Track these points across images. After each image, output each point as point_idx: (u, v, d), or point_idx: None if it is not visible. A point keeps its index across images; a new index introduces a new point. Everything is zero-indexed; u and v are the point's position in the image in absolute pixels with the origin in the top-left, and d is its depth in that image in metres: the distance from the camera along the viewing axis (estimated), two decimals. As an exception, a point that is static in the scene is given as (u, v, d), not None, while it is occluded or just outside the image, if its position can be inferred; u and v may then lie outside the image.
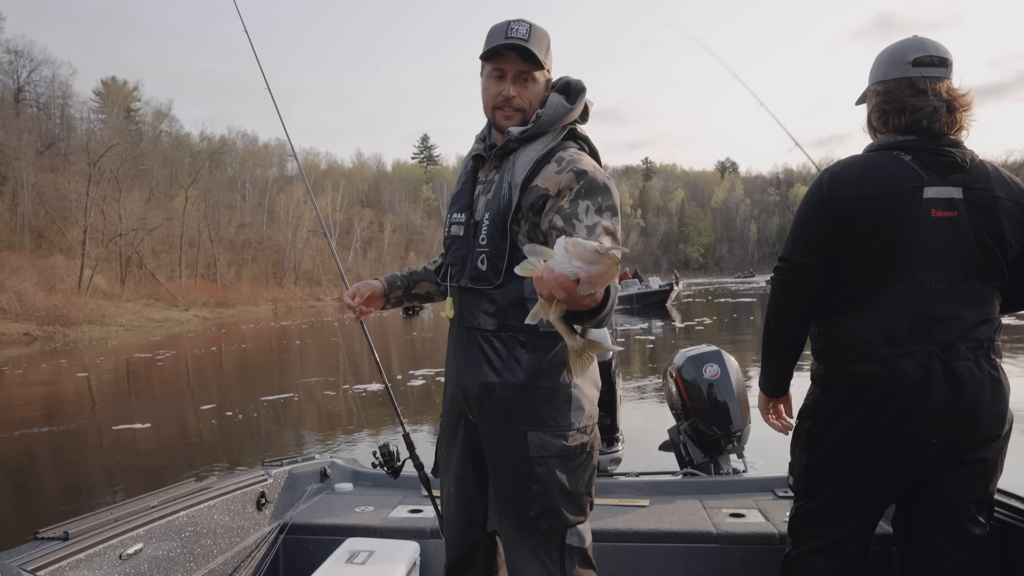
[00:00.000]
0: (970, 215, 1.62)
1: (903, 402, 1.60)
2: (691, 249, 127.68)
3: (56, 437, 8.73)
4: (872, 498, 1.71)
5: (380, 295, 1.89)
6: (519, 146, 1.65)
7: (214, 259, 57.03)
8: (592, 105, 1.73)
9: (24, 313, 30.31)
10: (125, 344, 24.59)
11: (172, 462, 7.16)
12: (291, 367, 15.74)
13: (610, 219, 1.50)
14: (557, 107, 1.64)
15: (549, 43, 1.67)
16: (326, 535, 2.50)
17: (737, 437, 3.26)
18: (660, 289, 29.89)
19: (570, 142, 1.67)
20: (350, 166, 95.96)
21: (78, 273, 40.27)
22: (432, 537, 2.46)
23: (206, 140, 67.56)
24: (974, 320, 1.62)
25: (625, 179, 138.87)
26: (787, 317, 1.75)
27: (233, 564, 2.29)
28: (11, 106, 49.53)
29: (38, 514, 5.89)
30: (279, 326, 32.09)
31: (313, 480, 2.87)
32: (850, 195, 1.64)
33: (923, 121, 1.66)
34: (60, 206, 45.29)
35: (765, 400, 1.92)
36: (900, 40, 1.76)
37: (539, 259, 1.17)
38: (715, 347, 3.49)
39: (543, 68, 1.65)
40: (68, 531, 1.77)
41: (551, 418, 1.58)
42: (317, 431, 8.30)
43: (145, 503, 2.06)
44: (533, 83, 1.64)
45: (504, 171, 1.64)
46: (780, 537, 2.28)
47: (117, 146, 48.91)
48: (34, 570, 1.56)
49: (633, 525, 2.42)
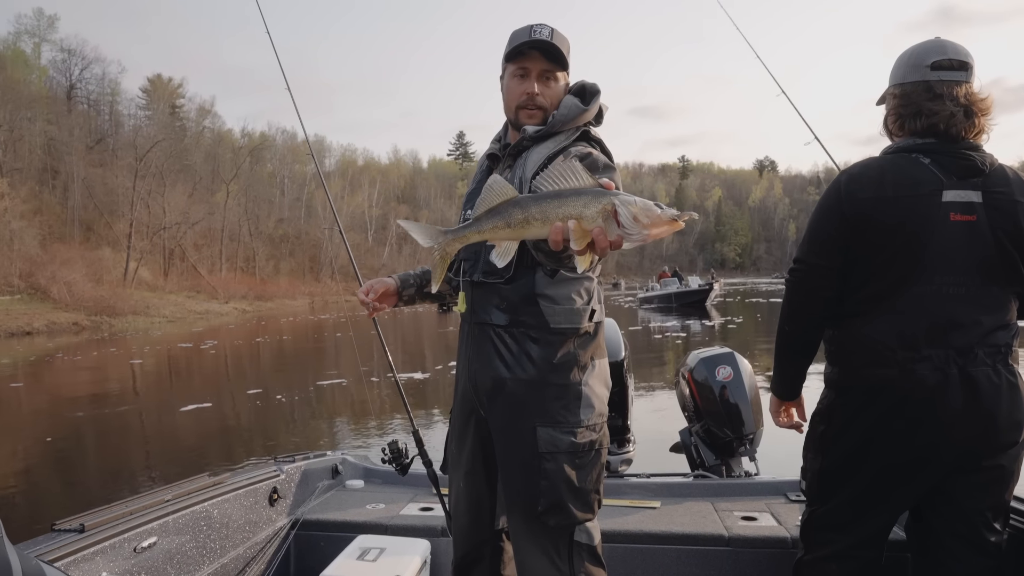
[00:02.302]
0: (989, 219, 1.60)
1: (919, 407, 1.58)
2: (727, 248, 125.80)
3: (126, 416, 9.63)
4: (886, 504, 1.69)
5: (393, 292, 1.90)
6: (532, 144, 1.67)
7: (253, 253, 58.20)
8: (607, 109, 1.74)
9: (73, 303, 31.41)
10: (169, 335, 25.33)
11: (237, 438, 8.06)
12: (330, 358, 16.38)
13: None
14: (571, 108, 1.66)
15: (569, 47, 1.71)
16: (337, 532, 2.50)
17: (749, 440, 3.23)
18: (700, 288, 29.75)
19: (583, 143, 1.68)
20: (387, 162, 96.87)
21: (124, 265, 41.54)
22: (443, 535, 2.45)
23: (247, 136, 68.94)
24: (992, 325, 1.60)
25: (661, 177, 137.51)
26: (801, 319, 1.74)
27: (245, 559, 2.31)
28: (63, 103, 51.32)
29: (126, 481, 6.47)
30: (316, 319, 32.67)
31: (325, 476, 2.89)
32: (868, 197, 1.63)
33: (939, 125, 1.64)
34: (108, 200, 46.76)
35: (777, 403, 1.90)
36: (920, 42, 1.74)
37: (559, 210, 1.18)
38: (728, 349, 3.47)
39: (566, 69, 1.69)
40: (84, 523, 1.80)
41: (561, 414, 1.58)
42: (356, 417, 8.85)
43: (159, 497, 2.09)
44: (555, 83, 1.68)
45: (516, 168, 1.66)
46: (792, 541, 2.25)
47: (162, 142, 50.28)
48: (51, 561, 1.59)
49: (644, 527, 2.41)
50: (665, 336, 18.10)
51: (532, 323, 1.60)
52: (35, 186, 43.02)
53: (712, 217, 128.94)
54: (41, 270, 33.29)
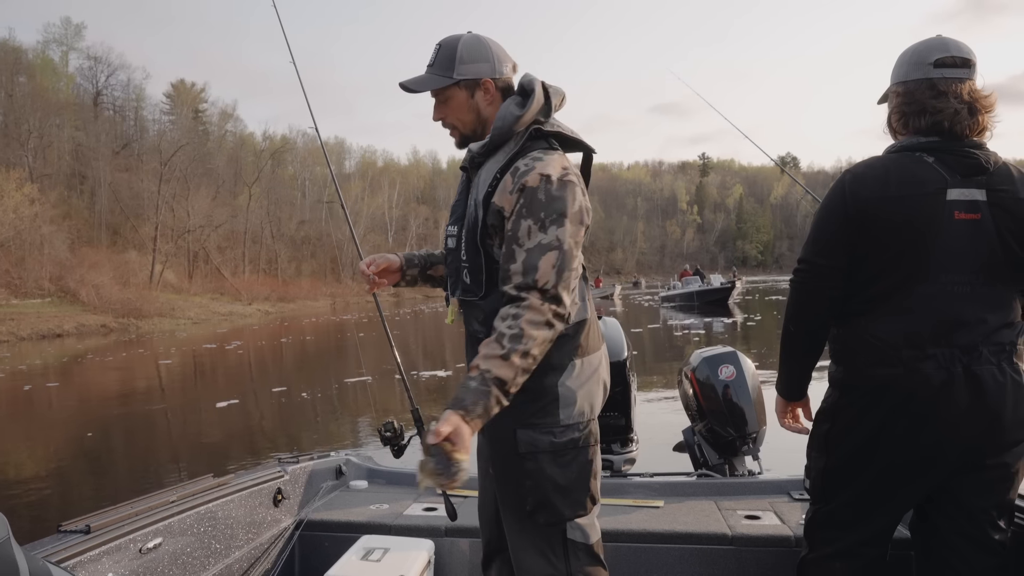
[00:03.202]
0: (994, 217, 1.59)
1: (924, 405, 1.58)
2: (749, 246, 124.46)
3: (162, 413, 10.15)
4: (891, 503, 1.68)
5: (396, 269, 1.89)
6: (484, 160, 1.67)
7: (275, 255, 58.87)
8: (560, 96, 1.68)
9: (101, 306, 32.03)
10: (194, 336, 25.76)
11: (264, 435, 8.45)
12: (352, 357, 16.62)
13: (556, 230, 1.50)
14: (505, 117, 1.62)
15: (454, 54, 1.64)
16: (341, 532, 2.50)
17: (752, 439, 3.22)
18: (722, 287, 29.52)
19: (539, 142, 1.64)
20: (406, 163, 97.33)
21: (150, 268, 42.25)
22: (447, 535, 2.46)
23: (268, 139, 69.72)
24: (996, 323, 1.59)
25: (681, 175, 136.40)
26: (806, 319, 1.73)
27: (250, 559, 2.31)
28: (90, 109, 52.38)
29: (166, 474, 6.80)
30: (339, 319, 32.99)
31: (329, 477, 2.90)
32: (873, 196, 1.62)
33: (944, 123, 1.63)
34: (134, 204, 47.63)
35: (783, 403, 1.89)
36: (922, 40, 1.73)
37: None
38: (731, 348, 3.46)
39: (444, 87, 1.64)
40: (90, 524, 1.81)
41: (537, 416, 1.60)
42: (378, 415, 9.04)
43: (164, 498, 2.10)
44: (451, 100, 1.66)
45: (472, 187, 1.67)
46: (795, 540, 2.25)
47: (186, 146, 51.06)
48: (57, 562, 1.60)
49: (647, 526, 2.41)
50: (686, 333, 18.05)
51: None
52: (64, 191, 43.97)
53: (733, 215, 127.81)
54: (70, 273, 34.03)
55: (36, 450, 8.35)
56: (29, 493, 6.26)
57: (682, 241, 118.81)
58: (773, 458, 3.40)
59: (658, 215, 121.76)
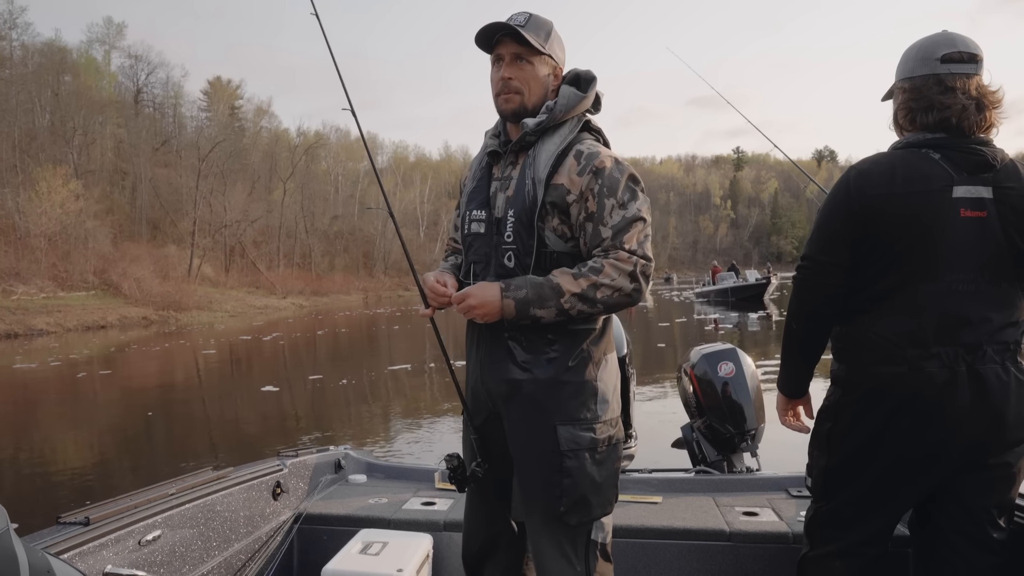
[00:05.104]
0: (1000, 215, 1.57)
1: (928, 405, 1.56)
2: (784, 242, 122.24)
3: (212, 397, 11.06)
4: (893, 502, 1.67)
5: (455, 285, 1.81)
6: (536, 139, 1.65)
7: (309, 249, 59.72)
8: (604, 96, 1.72)
9: (143, 299, 32.90)
10: (231, 328, 26.34)
11: (309, 416, 9.18)
12: (385, 350, 17.31)
13: (636, 204, 1.59)
14: (570, 97, 1.65)
15: (551, 31, 1.67)
16: (340, 526, 2.52)
17: (751, 436, 3.20)
18: (757, 283, 29.21)
19: (586, 134, 1.68)
20: (438, 159, 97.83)
21: (188, 262, 43.18)
22: (445, 530, 2.47)
23: (302, 135, 70.64)
24: (1001, 322, 1.57)
25: (715, 169, 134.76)
26: (809, 316, 1.72)
27: (248, 552, 2.33)
28: (131, 107, 53.64)
29: (224, 451, 7.32)
30: (372, 313, 33.41)
31: (328, 471, 2.92)
32: (879, 193, 1.60)
33: (952, 119, 1.61)
34: (173, 199, 48.72)
35: (784, 401, 1.87)
36: (929, 35, 1.70)
37: None
38: (730, 345, 3.44)
39: (541, 53, 1.65)
40: (89, 516, 1.83)
41: (580, 412, 1.59)
42: (410, 404, 9.68)
43: (163, 491, 2.11)
44: (530, 66, 1.64)
45: (525, 167, 1.64)
46: (793, 536, 2.24)
47: (222, 142, 51.98)
48: (57, 553, 1.60)
49: (645, 522, 2.40)
50: (723, 329, 17.91)
51: (550, 325, 1.59)
52: (107, 187, 45.17)
53: (768, 209, 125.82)
54: (113, 267, 35.01)
55: (103, 426, 9.05)
56: (116, 457, 7.10)
57: (715, 236, 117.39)
58: (772, 455, 3.38)
59: (691, 210, 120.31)
